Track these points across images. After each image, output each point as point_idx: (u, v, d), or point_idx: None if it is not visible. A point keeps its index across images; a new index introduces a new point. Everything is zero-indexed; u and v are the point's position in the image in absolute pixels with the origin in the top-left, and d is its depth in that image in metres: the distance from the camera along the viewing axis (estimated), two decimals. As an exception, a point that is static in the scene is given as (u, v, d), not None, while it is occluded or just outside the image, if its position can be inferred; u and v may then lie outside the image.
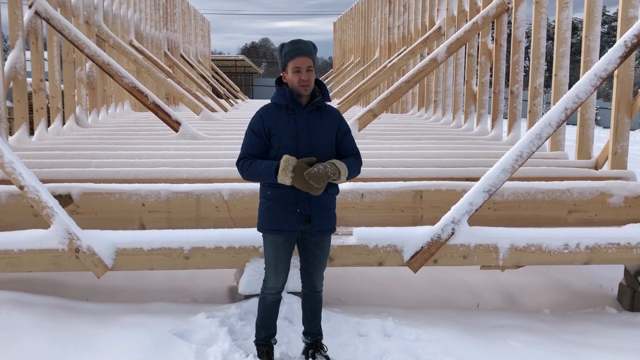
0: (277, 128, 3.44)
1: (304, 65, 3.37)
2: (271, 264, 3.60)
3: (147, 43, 16.59)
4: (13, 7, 7.94)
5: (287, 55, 3.40)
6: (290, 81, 3.43)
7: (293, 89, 3.43)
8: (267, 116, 3.48)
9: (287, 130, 3.43)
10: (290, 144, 3.43)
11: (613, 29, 47.74)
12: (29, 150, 7.53)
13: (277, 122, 3.45)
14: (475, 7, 10.17)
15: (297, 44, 3.40)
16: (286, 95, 3.44)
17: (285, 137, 3.43)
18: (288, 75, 3.43)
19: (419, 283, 5.42)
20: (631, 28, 5.11)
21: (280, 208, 3.46)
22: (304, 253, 3.64)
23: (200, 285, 5.25)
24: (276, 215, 3.48)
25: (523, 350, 3.92)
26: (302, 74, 3.37)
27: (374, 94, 16.61)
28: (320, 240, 3.59)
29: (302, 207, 3.46)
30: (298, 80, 3.38)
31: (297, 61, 3.37)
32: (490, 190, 4.56)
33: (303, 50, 3.39)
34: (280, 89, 3.49)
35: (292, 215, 3.46)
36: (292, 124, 3.44)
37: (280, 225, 3.48)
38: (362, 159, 3.62)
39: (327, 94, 3.53)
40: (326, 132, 3.49)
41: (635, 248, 4.64)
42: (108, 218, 5.11)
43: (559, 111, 4.78)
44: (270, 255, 3.59)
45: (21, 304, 4.34)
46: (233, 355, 3.71)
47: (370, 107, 8.64)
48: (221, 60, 42.35)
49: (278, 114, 3.47)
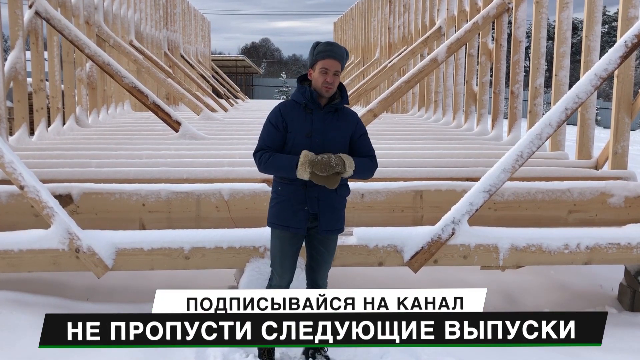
0: (293, 125, 3.49)
1: (332, 67, 3.42)
2: (277, 260, 3.64)
3: (147, 43, 16.59)
4: (13, 7, 7.95)
5: (319, 54, 3.44)
6: (315, 80, 3.47)
7: (315, 88, 3.48)
8: (285, 112, 3.52)
9: (303, 128, 3.48)
10: (304, 143, 3.47)
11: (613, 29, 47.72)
12: (29, 150, 7.53)
13: (294, 120, 3.49)
14: (475, 7, 10.17)
15: (331, 46, 3.46)
16: (306, 93, 3.48)
17: (299, 135, 3.48)
18: (314, 73, 3.47)
19: (419, 283, 5.42)
20: (631, 28, 5.11)
21: (289, 205, 3.52)
22: (310, 250, 3.70)
23: (200, 285, 5.24)
24: (284, 212, 3.53)
25: (523, 350, 3.91)
26: (329, 76, 3.42)
27: (374, 94, 16.61)
28: (325, 239, 3.63)
29: (310, 205, 3.51)
30: (323, 81, 3.43)
31: (327, 62, 3.42)
32: (490, 190, 4.56)
33: (336, 53, 3.44)
34: (301, 87, 3.53)
35: (300, 213, 3.52)
36: (308, 123, 3.49)
37: (288, 221, 3.53)
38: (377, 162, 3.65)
39: (347, 97, 3.58)
40: (341, 133, 3.54)
41: (636, 248, 4.63)
42: (108, 218, 5.11)
43: (559, 111, 4.78)
44: (277, 250, 3.63)
45: (21, 304, 4.34)
46: (233, 355, 3.71)
47: (370, 107, 8.63)
48: (221, 60, 42.36)
49: (296, 111, 3.51)
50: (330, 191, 3.53)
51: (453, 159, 7.01)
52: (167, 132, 8.92)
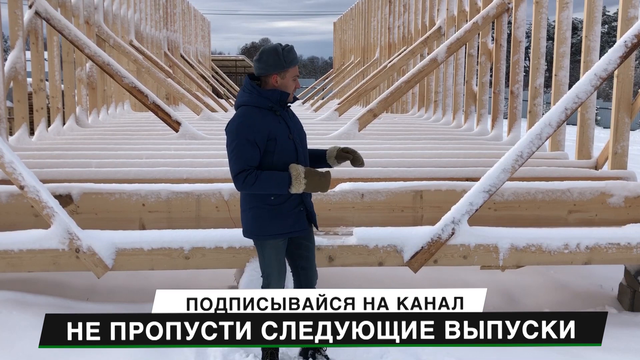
0: (276, 132, 3.43)
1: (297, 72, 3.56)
2: (275, 269, 3.58)
3: (147, 43, 16.59)
4: (13, 7, 7.95)
5: (291, 62, 3.47)
6: (285, 86, 3.49)
7: (284, 92, 3.49)
8: (259, 122, 3.40)
9: (283, 131, 3.46)
10: (289, 145, 3.46)
11: (613, 29, 47.75)
12: (29, 150, 7.54)
13: (270, 125, 3.42)
14: (475, 7, 10.18)
15: (295, 53, 3.52)
16: (276, 95, 3.45)
17: (283, 138, 3.44)
18: (284, 80, 3.47)
19: (419, 283, 5.42)
20: (631, 28, 5.11)
21: (288, 209, 3.48)
22: (296, 251, 3.65)
23: (200, 285, 5.24)
24: (287, 219, 3.48)
25: (523, 350, 3.91)
26: (297, 81, 3.56)
27: (374, 94, 16.61)
28: (308, 233, 3.67)
29: (307, 203, 3.57)
30: (295, 86, 3.53)
31: (296, 69, 3.52)
32: (490, 190, 4.56)
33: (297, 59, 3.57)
34: (268, 91, 3.45)
35: (300, 214, 3.53)
36: (284, 124, 3.48)
37: (293, 226, 3.52)
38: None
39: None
40: (302, 127, 3.66)
41: (635, 248, 4.64)
42: (108, 218, 5.11)
43: (559, 111, 4.78)
44: (272, 260, 3.56)
45: (21, 304, 4.34)
46: (233, 355, 3.72)
47: (370, 107, 8.65)
48: (221, 60, 42.35)
49: (267, 117, 3.44)
50: None
51: (453, 159, 7.01)
52: (167, 132, 8.92)
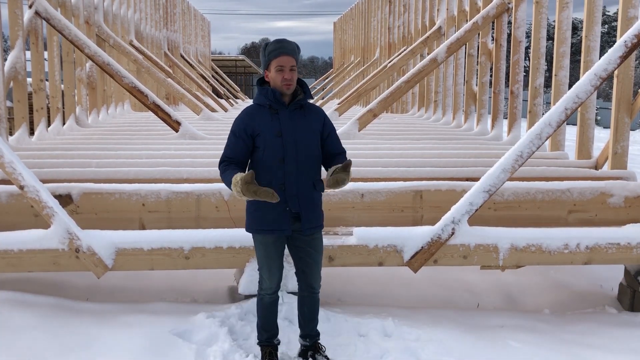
0: (261, 128, 3.42)
1: (287, 64, 3.37)
2: (264, 265, 3.59)
3: (147, 43, 16.59)
4: (13, 7, 7.95)
5: (271, 53, 3.40)
6: (273, 80, 3.42)
7: (275, 87, 3.43)
8: (250, 117, 3.46)
9: (272, 129, 3.42)
10: (276, 144, 3.42)
11: (613, 29, 47.72)
12: (29, 150, 7.54)
13: (261, 122, 3.43)
14: (475, 7, 10.17)
15: (281, 43, 3.41)
16: (269, 94, 3.43)
17: (270, 136, 3.42)
18: (271, 73, 3.42)
19: (419, 283, 5.42)
20: (631, 28, 5.11)
21: (270, 207, 3.41)
22: (297, 253, 3.62)
23: (201, 285, 5.25)
24: (266, 215, 3.46)
25: (523, 350, 3.92)
26: (286, 72, 3.38)
27: (374, 94, 16.61)
28: (311, 238, 3.57)
29: (291, 204, 3.45)
30: (281, 79, 3.38)
31: (280, 60, 3.37)
32: (490, 190, 4.56)
33: (287, 49, 3.40)
34: (262, 89, 3.47)
35: (282, 214, 3.45)
36: (276, 123, 3.43)
37: (270, 224, 3.47)
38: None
39: (309, 92, 3.54)
40: (311, 129, 3.50)
41: (635, 248, 4.64)
42: (108, 218, 5.11)
43: (559, 111, 4.78)
44: (262, 255, 3.58)
45: (21, 304, 4.34)
46: (233, 355, 3.72)
47: (370, 107, 8.64)
48: (221, 60, 42.39)
49: (262, 114, 3.46)
50: (309, 188, 3.48)
51: (453, 159, 7.01)
52: (167, 132, 8.92)
